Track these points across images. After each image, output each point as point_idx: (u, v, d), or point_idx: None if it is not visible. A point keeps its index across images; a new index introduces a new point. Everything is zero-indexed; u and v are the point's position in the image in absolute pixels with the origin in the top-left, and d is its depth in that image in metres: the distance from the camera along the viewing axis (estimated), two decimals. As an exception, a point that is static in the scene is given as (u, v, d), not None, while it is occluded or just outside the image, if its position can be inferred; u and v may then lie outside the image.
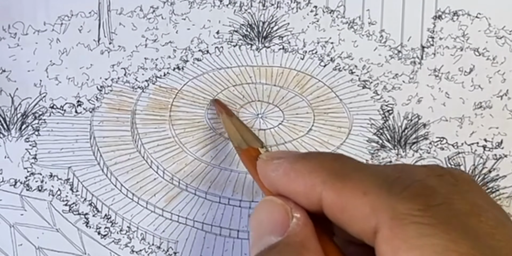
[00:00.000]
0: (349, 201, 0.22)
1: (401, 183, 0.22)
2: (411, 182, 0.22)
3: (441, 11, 0.42)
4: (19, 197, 0.38)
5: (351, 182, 0.22)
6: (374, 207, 0.21)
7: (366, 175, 0.23)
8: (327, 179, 0.23)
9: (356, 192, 0.22)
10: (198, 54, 0.42)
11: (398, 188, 0.21)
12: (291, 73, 0.42)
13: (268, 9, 0.43)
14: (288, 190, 0.25)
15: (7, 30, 0.42)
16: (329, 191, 0.23)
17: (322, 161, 0.24)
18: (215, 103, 0.39)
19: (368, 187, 0.22)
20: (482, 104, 0.41)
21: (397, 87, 0.41)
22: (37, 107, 0.40)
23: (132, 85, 0.41)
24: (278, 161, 0.26)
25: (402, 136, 0.40)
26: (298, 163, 0.25)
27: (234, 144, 0.34)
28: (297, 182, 0.24)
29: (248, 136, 0.33)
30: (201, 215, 0.37)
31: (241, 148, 0.32)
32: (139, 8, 0.42)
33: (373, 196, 0.21)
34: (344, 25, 0.42)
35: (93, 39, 0.42)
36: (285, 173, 0.25)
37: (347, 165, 0.24)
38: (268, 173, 0.26)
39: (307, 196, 0.24)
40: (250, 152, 0.31)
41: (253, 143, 0.32)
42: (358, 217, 0.22)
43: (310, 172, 0.24)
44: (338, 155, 0.25)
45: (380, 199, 0.21)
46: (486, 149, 0.40)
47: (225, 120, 0.37)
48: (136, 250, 0.37)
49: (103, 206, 0.38)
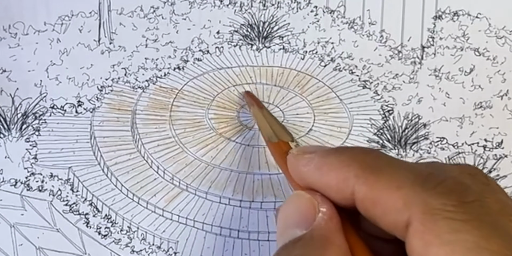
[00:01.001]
0: (382, 195, 0.22)
1: (435, 178, 0.22)
2: (444, 178, 0.22)
3: (441, 11, 0.42)
4: (19, 197, 0.38)
5: (385, 176, 0.22)
6: (407, 201, 0.21)
7: (399, 170, 0.23)
8: (360, 172, 0.23)
9: (390, 186, 0.22)
10: (198, 54, 0.42)
11: (432, 183, 0.21)
12: (292, 73, 0.42)
13: (269, 9, 0.43)
14: (319, 184, 0.25)
15: (7, 30, 0.42)
16: (362, 185, 0.23)
17: (354, 155, 0.24)
18: (246, 95, 0.39)
19: (401, 181, 0.22)
20: (482, 104, 0.41)
21: (398, 87, 0.41)
22: (38, 107, 0.40)
23: (132, 85, 0.41)
24: (309, 155, 0.25)
25: (402, 136, 0.40)
26: (330, 157, 0.25)
27: (264, 137, 0.34)
28: (329, 176, 0.24)
29: (278, 129, 0.33)
30: (202, 215, 0.37)
31: (271, 142, 0.32)
32: (139, 8, 0.42)
33: (407, 190, 0.21)
34: (344, 25, 0.42)
35: (93, 39, 0.42)
36: (317, 168, 0.25)
37: (380, 159, 0.24)
38: (299, 168, 0.26)
39: (339, 190, 0.24)
40: (280, 145, 0.31)
41: (284, 137, 0.32)
42: (390, 211, 0.22)
43: (343, 166, 0.24)
44: (370, 149, 0.25)
45: (413, 194, 0.21)
46: (486, 149, 0.40)
47: (256, 113, 0.37)
48: (137, 250, 0.37)
49: (103, 206, 0.38)
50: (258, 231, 0.37)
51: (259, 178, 0.38)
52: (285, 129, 0.33)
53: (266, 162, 0.39)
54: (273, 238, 0.37)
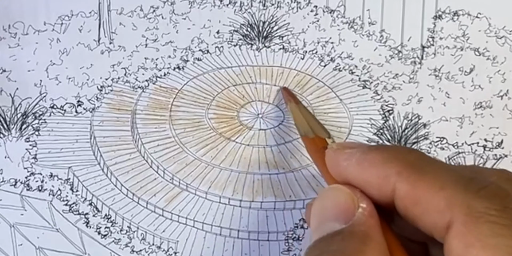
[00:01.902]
0: (424, 194, 0.22)
1: (478, 182, 0.22)
2: (487, 183, 0.22)
3: (441, 11, 0.42)
4: (19, 197, 0.38)
5: (428, 175, 0.22)
6: (450, 202, 0.21)
7: (442, 170, 0.23)
8: (403, 170, 0.23)
9: (433, 185, 0.22)
10: (198, 53, 0.42)
11: (475, 187, 0.21)
12: (291, 73, 0.42)
13: (268, 9, 0.43)
14: (359, 180, 0.24)
15: (7, 30, 0.42)
16: (403, 182, 0.23)
17: (397, 153, 0.24)
18: (282, 91, 0.39)
19: (444, 182, 0.22)
20: (482, 104, 0.41)
21: (397, 87, 0.41)
22: (37, 107, 0.40)
23: (132, 85, 0.41)
24: (350, 150, 0.25)
25: (402, 136, 0.40)
26: (372, 153, 0.24)
27: (300, 132, 0.34)
28: (370, 171, 0.24)
29: (315, 125, 0.33)
30: (201, 215, 0.37)
31: (307, 137, 0.32)
32: (139, 8, 0.42)
33: (450, 191, 0.21)
34: (344, 25, 0.42)
35: (93, 39, 0.42)
36: (358, 163, 0.25)
37: (422, 158, 0.24)
38: (339, 162, 0.25)
39: (379, 186, 0.23)
40: (316, 141, 0.31)
41: (320, 133, 0.32)
42: (431, 211, 0.22)
43: (385, 163, 0.23)
44: (412, 149, 0.26)
45: (456, 195, 0.21)
46: (487, 149, 0.40)
47: (293, 108, 0.37)
48: (137, 250, 0.37)
49: (103, 206, 0.38)
50: (258, 231, 0.37)
51: (259, 178, 0.38)
52: (322, 126, 0.33)
53: (266, 162, 0.39)
54: (273, 238, 0.37)
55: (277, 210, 0.37)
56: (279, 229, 0.37)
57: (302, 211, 0.37)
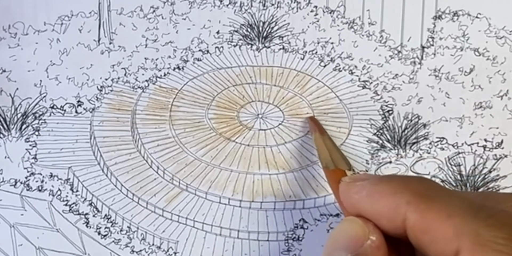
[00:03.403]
0: (433, 223, 0.22)
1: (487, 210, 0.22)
2: (497, 211, 0.22)
3: (441, 11, 0.42)
4: (19, 197, 0.38)
5: (436, 204, 0.23)
6: (458, 230, 0.21)
7: (451, 198, 0.23)
8: (412, 200, 0.23)
9: (441, 214, 0.22)
10: (198, 54, 0.42)
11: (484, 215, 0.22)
12: (291, 73, 0.42)
13: (268, 9, 0.43)
14: (370, 212, 0.25)
15: (7, 30, 0.42)
16: (413, 212, 0.23)
17: (406, 183, 0.24)
18: (309, 121, 0.39)
19: (453, 210, 0.22)
20: (482, 104, 0.41)
21: (397, 87, 0.41)
22: (37, 107, 0.40)
23: (132, 85, 0.41)
24: (361, 182, 0.26)
25: (402, 136, 0.40)
26: (382, 184, 0.25)
27: (322, 163, 0.34)
28: (381, 203, 0.24)
29: (336, 156, 0.33)
30: (201, 215, 0.37)
31: (328, 169, 0.32)
32: (139, 8, 0.42)
33: (458, 219, 0.22)
34: (344, 25, 0.42)
35: (93, 39, 0.42)
36: (368, 195, 0.25)
37: (431, 187, 0.24)
38: (351, 195, 0.26)
39: (390, 217, 0.24)
40: (336, 173, 0.31)
41: (341, 165, 0.32)
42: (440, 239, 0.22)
43: (395, 193, 0.24)
44: (422, 178, 0.26)
45: (464, 223, 0.21)
46: (486, 149, 0.40)
47: (317, 139, 0.37)
48: (136, 250, 0.37)
49: (103, 206, 0.38)
50: (258, 231, 0.37)
51: (259, 178, 0.38)
52: (344, 157, 0.33)
53: (266, 162, 0.39)
54: (273, 238, 0.37)
55: (277, 210, 0.37)
56: (279, 229, 0.37)
57: (302, 211, 0.37)
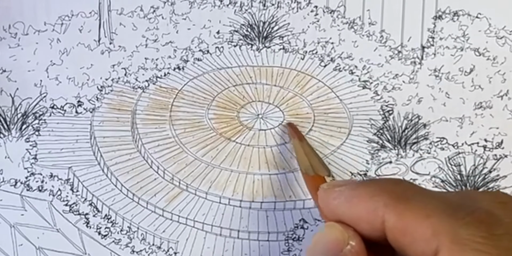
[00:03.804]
0: (411, 224, 0.22)
1: (465, 208, 0.22)
2: (475, 208, 0.22)
3: (441, 11, 0.42)
4: (19, 197, 0.38)
5: (414, 204, 0.23)
6: (436, 230, 0.21)
7: (428, 199, 0.23)
8: (389, 202, 0.23)
9: (419, 214, 0.22)
10: (198, 54, 0.42)
11: (462, 213, 0.22)
12: (292, 73, 0.42)
13: (269, 9, 0.43)
14: (350, 216, 0.25)
15: (7, 30, 0.42)
16: (391, 213, 0.23)
17: (383, 185, 0.24)
18: (288, 127, 0.39)
19: (431, 210, 0.22)
20: (482, 104, 0.41)
21: (397, 87, 0.41)
22: (38, 107, 0.40)
23: (132, 85, 0.41)
24: (339, 188, 0.26)
25: (402, 136, 0.40)
26: (360, 188, 0.25)
27: (301, 169, 0.34)
28: (359, 207, 0.24)
29: (316, 163, 0.33)
30: (202, 215, 0.37)
31: (307, 175, 0.32)
32: (139, 8, 0.42)
33: (436, 219, 0.22)
34: (344, 25, 0.42)
35: (93, 39, 0.42)
36: (347, 200, 0.25)
37: (408, 189, 0.24)
38: (329, 201, 0.26)
39: (369, 220, 0.24)
40: (316, 179, 0.31)
41: (320, 171, 0.32)
42: (419, 240, 0.22)
43: (372, 196, 0.24)
44: (399, 180, 0.26)
45: (442, 223, 0.21)
46: (487, 149, 0.40)
47: (296, 145, 0.37)
48: (137, 250, 0.37)
49: (103, 206, 0.38)
50: (258, 231, 0.37)
51: (259, 178, 0.38)
52: (323, 164, 0.33)
53: (266, 162, 0.39)
54: (273, 238, 0.37)
55: (277, 210, 0.37)
56: (279, 230, 0.37)
57: (302, 211, 0.37)
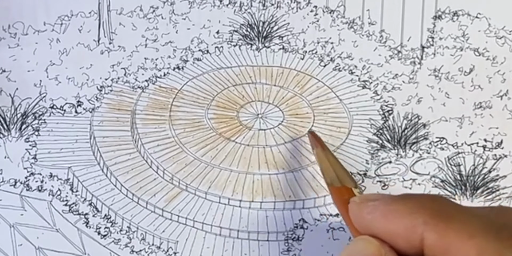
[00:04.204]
0: (453, 243, 0.22)
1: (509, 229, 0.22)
2: None
3: (441, 11, 0.42)
4: (19, 197, 0.38)
5: (456, 223, 0.22)
6: (481, 251, 0.21)
7: (470, 218, 0.23)
8: (430, 219, 0.23)
9: (462, 234, 0.22)
10: (198, 54, 0.42)
11: (506, 234, 0.21)
12: (291, 73, 0.42)
13: (268, 9, 0.43)
14: (385, 232, 0.24)
15: (7, 30, 0.42)
16: (431, 232, 0.22)
17: (422, 202, 0.24)
18: (310, 136, 0.38)
19: (474, 230, 0.22)
20: (482, 104, 0.41)
21: (397, 87, 0.41)
22: (37, 107, 0.40)
23: (132, 85, 0.41)
24: (373, 203, 0.25)
25: (402, 136, 0.40)
26: (396, 204, 0.24)
27: (326, 180, 0.33)
28: (397, 223, 0.24)
29: (341, 173, 0.32)
30: (201, 215, 0.37)
31: (333, 186, 0.31)
32: (139, 8, 0.42)
33: (480, 239, 0.21)
34: (344, 25, 0.42)
35: (93, 39, 0.42)
36: (382, 215, 0.24)
37: (448, 206, 0.24)
38: (363, 216, 0.25)
39: (407, 237, 0.23)
40: (342, 191, 0.30)
41: (347, 182, 0.31)
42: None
43: (411, 213, 0.23)
44: (436, 196, 0.25)
45: (487, 244, 0.21)
46: (486, 149, 0.40)
47: (319, 155, 0.36)
48: (136, 250, 0.37)
49: (103, 206, 0.38)
50: (257, 231, 0.37)
51: (259, 178, 0.38)
52: (348, 174, 0.32)
53: (266, 162, 0.39)
54: (273, 238, 0.37)
55: (276, 210, 0.37)
56: (279, 229, 0.37)
57: (302, 211, 0.37)
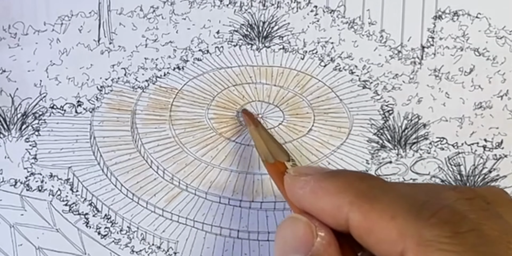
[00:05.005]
0: (376, 224, 0.22)
1: (430, 208, 0.22)
2: (439, 207, 0.22)
3: (441, 11, 0.42)
4: (19, 197, 0.38)
5: (379, 204, 0.22)
6: (401, 232, 0.21)
7: (394, 198, 0.23)
8: (355, 200, 0.23)
9: (384, 215, 0.22)
10: (198, 54, 0.42)
11: (427, 214, 0.21)
12: (291, 73, 0.42)
13: (268, 9, 0.43)
14: (314, 208, 0.25)
15: (7, 30, 0.42)
16: (356, 212, 0.23)
17: (349, 181, 0.24)
18: (243, 114, 0.39)
19: (396, 211, 0.22)
20: (482, 104, 0.41)
21: (397, 87, 0.41)
22: (37, 107, 0.40)
23: (132, 85, 0.41)
24: (305, 178, 0.25)
25: (402, 136, 0.40)
26: (326, 181, 0.24)
27: (261, 157, 0.34)
28: (324, 201, 0.24)
29: (274, 148, 0.33)
30: (201, 215, 0.37)
31: (268, 162, 0.32)
32: (139, 8, 0.42)
33: (401, 220, 0.21)
34: (344, 25, 0.42)
35: (93, 39, 0.42)
36: (312, 191, 0.25)
37: (375, 186, 0.24)
38: (295, 190, 0.26)
39: (334, 215, 0.24)
40: (277, 166, 0.31)
41: (280, 156, 0.32)
42: (384, 241, 0.22)
43: (338, 192, 0.24)
44: (365, 175, 0.25)
45: (407, 224, 0.21)
46: (486, 149, 0.40)
47: (252, 132, 0.36)
48: (136, 250, 0.37)
49: (103, 206, 0.38)
50: (258, 231, 0.37)
51: (259, 178, 0.38)
52: (281, 148, 0.33)
53: (266, 162, 0.39)
54: (273, 238, 0.37)
55: (277, 210, 0.37)
56: (279, 229, 0.37)
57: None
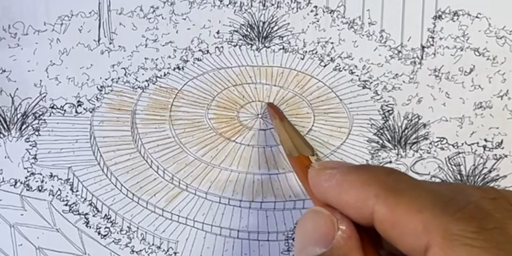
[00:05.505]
0: (402, 217, 0.22)
1: (456, 203, 0.22)
2: (466, 204, 0.22)
3: (441, 11, 0.42)
4: (19, 197, 0.38)
5: (405, 198, 0.22)
6: (427, 225, 0.21)
7: (420, 192, 0.23)
8: (381, 193, 0.23)
9: (410, 209, 0.22)
10: (198, 54, 0.42)
11: (453, 209, 0.21)
12: (291, 73, 0.42)
13: (268, 9, 0.43)
14: (339, 201, 0.25)
15: (7, 30, 0.42)
16: (381, 205, 0.23)
17: (376, 175, 0.24)
18: (268, 107, 0.39)
19: (422, 205, 0.22)
20: (482, 104, 0.41)
21: (397, 87, 0.41)
22: (37, 107, 0.40)
23: (132, 85, 0.41)
24: (331, 171, 0.26)
25: (402, 136, 0.40)
26: (352, 174, 0.25)
27: (285, 151, 0.34)
28: (350, 194, 0.24)
29: (299, 142, 0.33)
30: (201, 215, 0.37)
31: (292, 156, 0.32)
32: (139, 8, 0.42)
33: (427, 214, 0.22)
34: (344, 25, 0.42)
35: (93, 39, 0.42)
36: (338, 184, 0.25)
37: (401, 180, 0.24)
38: (320, 183, 0.26)
39: (358, 208, 0.24)
40: (301, 159, 0.31)
41: (304, 151, 0.32)
42: (409, 234, 0.22)
43: (364, 185, 0.24)
44: (391, 169, 0.25)
45: (434, 218, 0.21)
46: (486, 149, 0.40)
47: (277, 125, 0.37)
48: (136, 250, 0.37)
49: (103, 206, 0.38)
50: (258, 231, 0.37)
51: (259, 178, 0.38)
52: (306, 142, 0.33)
53: (266, 162, 0.39)
54: (273, 238, 0.37)
55: (277, 210, 0.37)
56: (279, 229, 0.37)
57: (302, 211, 0.37)
